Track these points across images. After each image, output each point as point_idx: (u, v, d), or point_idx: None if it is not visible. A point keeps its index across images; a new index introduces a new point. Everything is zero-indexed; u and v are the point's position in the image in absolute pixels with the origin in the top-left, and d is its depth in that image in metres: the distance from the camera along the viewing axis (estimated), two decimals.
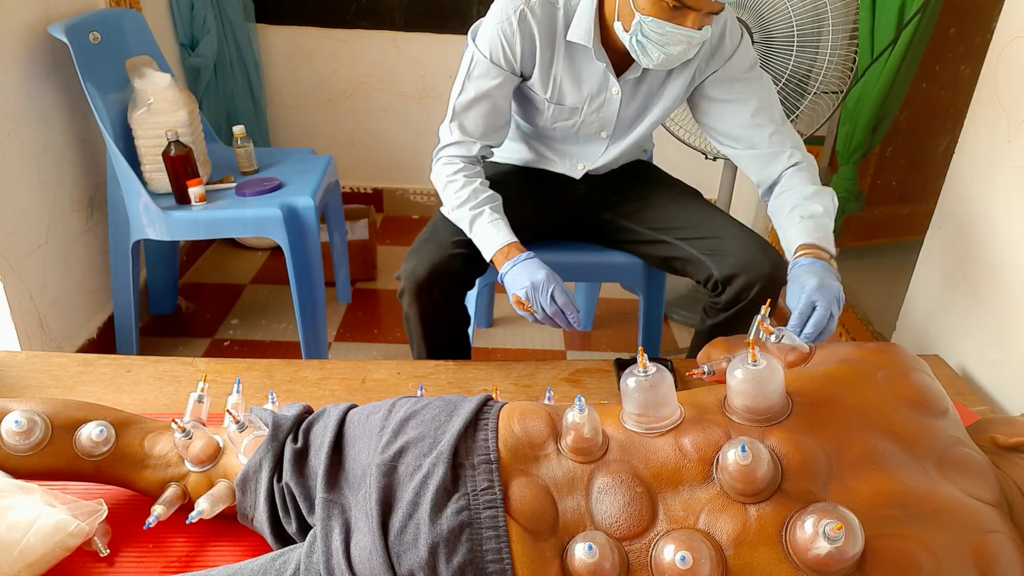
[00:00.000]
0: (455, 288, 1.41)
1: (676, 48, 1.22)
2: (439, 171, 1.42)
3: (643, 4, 1.18)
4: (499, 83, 1.35)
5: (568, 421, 0.81)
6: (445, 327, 1.47)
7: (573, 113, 1.42)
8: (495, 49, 1.33)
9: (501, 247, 1.32)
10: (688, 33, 1.18)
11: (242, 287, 2.49)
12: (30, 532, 0.84)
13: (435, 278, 1.35)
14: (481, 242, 1.34)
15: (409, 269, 1.36)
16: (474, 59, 1.35)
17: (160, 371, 1.32)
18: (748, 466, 0.73)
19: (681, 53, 1.23)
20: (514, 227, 1.34)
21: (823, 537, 0.68)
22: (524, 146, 1.56)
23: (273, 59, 2.81)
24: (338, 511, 0.82)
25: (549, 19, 1.32)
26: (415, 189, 3.07)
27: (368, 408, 0.92)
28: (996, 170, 1.40)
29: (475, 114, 1.38)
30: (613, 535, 0.76)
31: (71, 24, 1.69)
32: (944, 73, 2.32)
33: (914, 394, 0.85)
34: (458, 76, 1.38)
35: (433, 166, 1.44)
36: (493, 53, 1.33)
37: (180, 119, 1.77)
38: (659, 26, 1.19)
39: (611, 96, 1.39)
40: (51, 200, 1.79)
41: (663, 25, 1.18)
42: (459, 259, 1.37)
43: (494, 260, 1.33)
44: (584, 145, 1.49)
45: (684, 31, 1.18)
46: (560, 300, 1.25)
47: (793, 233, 1.28)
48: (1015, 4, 1.37)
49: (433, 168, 1.44)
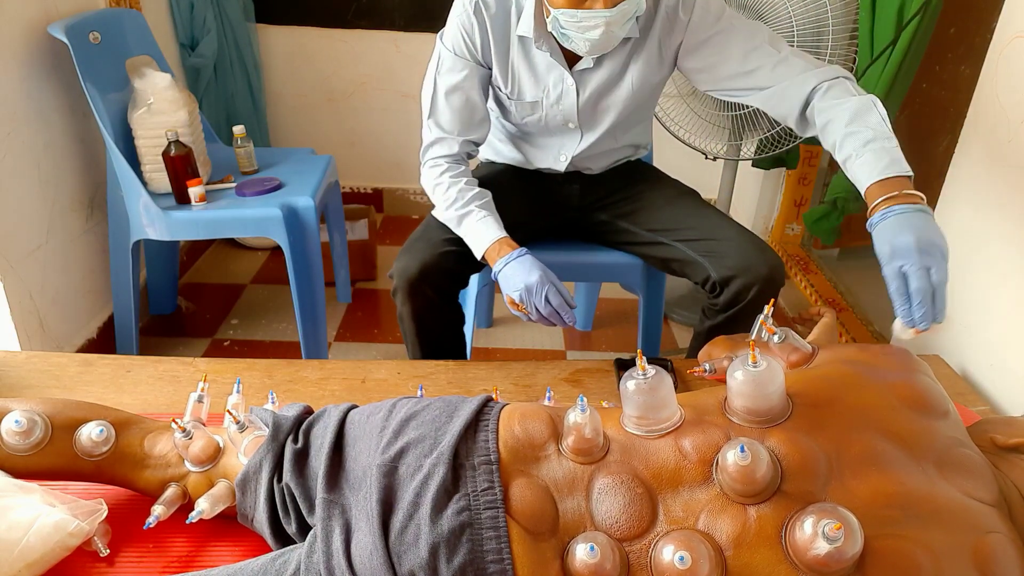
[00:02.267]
0: (447, 285, 1.41)
1: (596, 32, 1.22)
2: (426, 176, 1.43)
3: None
4: (466, 75, 1.37)
5: (570, 421, 0.81)
6: (439, 325, 1.46)
7: (535, 108, 1.43)
8: (457, 42, 1.35)
9: (492, 243, 1.31)
10: (600, 14, 1.19)
11: (242, 287, 2.49)
12: (30, 532, 0.84)
13: (426, 275, 1.35)
14: (472, 241, 1.34)
15: (401, 267, 1.37)
16: (440, 55, 1.38)
17: (160, 371, 1.32)
18: (747, 467, 0.73)
19: (605, 35, 1.22)
20: (509, 226, 1.34)
21: (822, 537, 0.68)
22: (511, 146, 1.57)
23: (273, 59, 2.81)
24: (338, 511, 0.82)
25: (503, 12, 1.33)
26: (415, 189, 3.07)
27: (368, 408, 0.92)
28: (996, 170, 1.40)
29: (449, 109, 1.38)
30: (613, 536, 0.76)
31: (71, 24, 1.69)
32: (944, 73, 2.32)
33: (915, 396, 0.85)
34: (427, 76, 1.40)
35: (421, 171, 1.45)
36: (456, 47, 1.36)
37: (180, 119, 1.77)
38: (570, 15, 1.21)
39: (567, 87, 1.39)
40: (51, 200, 1.79)
41: (574, 14, 1.20)
42: (451, 256, 1.37)
43: (486, 257, 1.32)
44: (559, 137, 1.50)
45: (595, 13, 1.19)
46: (555, 301, 1.25)
47: (854, 173, 1.11)
48: (1015, 4, 1.37)
49: (421, 173, 1.45)
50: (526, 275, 1.25)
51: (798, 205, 2.67)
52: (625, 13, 1.21)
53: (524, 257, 1.28)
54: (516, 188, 1.53)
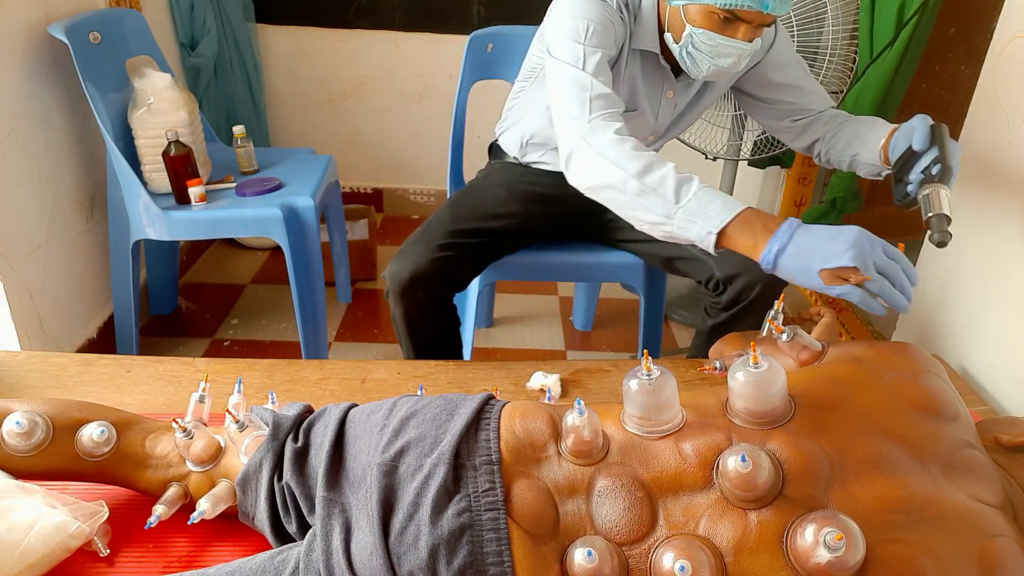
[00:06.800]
0: (440, 290, 1.40)
1: (726, 60, 1.21)
2: (606, 133, 1.08)
3: (694, 16, 1.17)
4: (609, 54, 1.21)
5: (568, 424, 0.81)
6: (432, 328, 1.46)
7: (640, 116, 1.40)
8: (603, 20, 1.21)
9: (739, 212, 0.98)
10: (739, 45, 1.18)
11: (242, 287, 2.49)
12: (31, 533, 0.84)
13: (417, 281, 1.35)
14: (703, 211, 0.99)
15: (392, 271, 1.37)
16: (589, 27, 1.18)
17: (160, 371, 1.32)
18: (748, 474, 0.72)
19: (731, 65, 1.22)
20: (519, 229, 1.33)
21: (823, 546, 0.67)
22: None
23: (273, 59, 2.81)
24: (338, 510, 0.82)
25: (623, 19, 1.26)
26: (415, 189, 3.07)
27: (369, 407, 0.91)
28: (996, 170, 1.40)
29: (605, 77, 1.17)
30: (613, 540, 0.76)
31: (71, 24, 1.69)
32: (944, 73, 2.32)
33: (922, 398, 0.83)
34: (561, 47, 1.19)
35: (583, 142, 1.10)
36: (603, 23, 1.21)
37: (180, 119, 1.77)
38: (710, 38, 1.18)
39: (665, 100, 1.38)
40: (51, 200, 1.79)
41: (714, 37, 1.17)
42: (447, 261, 1.36)
43: (728, 234, 0.98)
44: None
45: (735, 43, 1.17)
46: (891, 252, 0.93)
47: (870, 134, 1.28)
48: (1015, 4, 1.36)
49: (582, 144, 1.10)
50: (836, 233, 0.93)
51: (798, 205, 2.68)
52: (753, 48, 1.21)
53: (801, 224, 0.97)
54: (532, 193, 1.51)
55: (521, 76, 1.53)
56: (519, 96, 1.54)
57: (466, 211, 1.47)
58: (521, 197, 1.48)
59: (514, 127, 1.56)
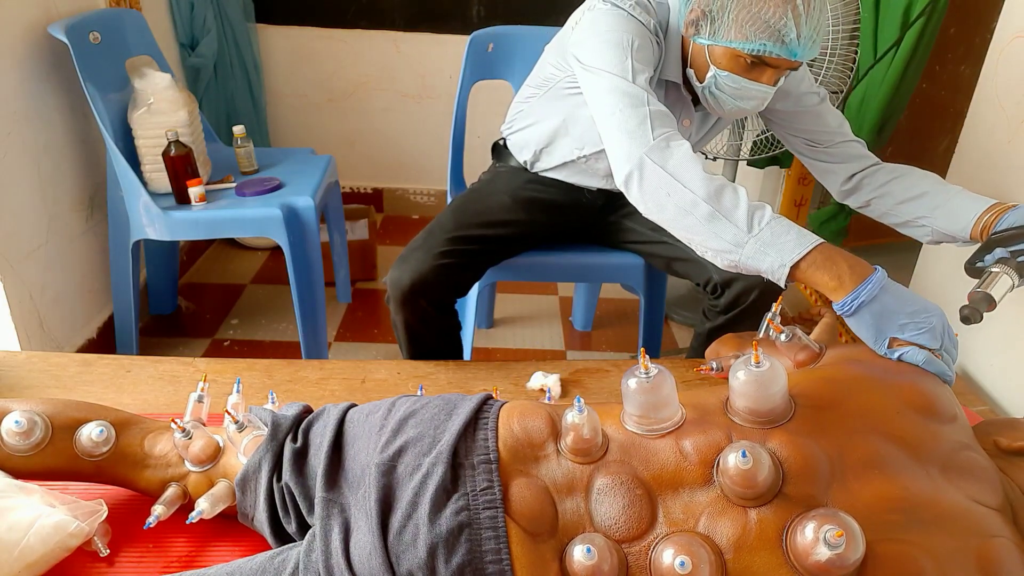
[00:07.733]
0: (442, 297, 1.39)
1: (750, 103, 1.20)
2: (674, 153, 1.04)
3: (719, 57, 1.16)
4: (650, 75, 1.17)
5: (567, 422, 0.81)
6: (433, 334, 1.45)
7: None
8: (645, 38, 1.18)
9: (816, 245, 0.93)
10: (763, 89, 1.17)
11: (242, 287, 2.49)
12: (30, 532, 0.84)
13: (419, 289, 1.34)
14: (777, 242, 0.95)
15: (394, 278, 1.35)
16: (634, 41, 1.14)
17: (160, 371, 1.32)
18: (749, 471, 0.73)
19: (754, 107, 1.22)
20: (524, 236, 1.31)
21: (824, 543, 0.67)
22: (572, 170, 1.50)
23: (273, 59, 2.81)
24: (337, 510, 0.82)
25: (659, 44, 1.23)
26: (415, 189, 3.07)
27: (368, 407, 0.92)
28: (996, 170, 1.40)
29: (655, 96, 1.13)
30: (612, 537, 0.76)
31: (71, 24, 1.69)
32: (944, 73, 2.32)
33: (921, 399, 0.84)
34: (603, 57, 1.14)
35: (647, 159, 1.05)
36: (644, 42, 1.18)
37: (180, 119, 1.77)
38: (735, 81, 1.16)
39: (681, 129, 1.37)
40: (51, 200, 1.79)
41: (739, 80, 1.16)
42: (448, 269, 1.35)
43: (800, 268, 0.93)
44: None
45: (759, 87, 1.16)
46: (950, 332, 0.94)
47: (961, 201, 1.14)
48: (1015, 4, 1.36)
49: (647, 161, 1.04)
50: (922, 307, 0.91)
51: (798, 205, 2.67)
52: (775, 90, 1.20)
53: (888, 279, 0.93)
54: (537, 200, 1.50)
55: (532, 83, 1.51)
56: (529, 102, 1.51)
57: (469, 217, 1.46)
58: (526, 204, 1.47)
59: (523, 132, 1.54)
